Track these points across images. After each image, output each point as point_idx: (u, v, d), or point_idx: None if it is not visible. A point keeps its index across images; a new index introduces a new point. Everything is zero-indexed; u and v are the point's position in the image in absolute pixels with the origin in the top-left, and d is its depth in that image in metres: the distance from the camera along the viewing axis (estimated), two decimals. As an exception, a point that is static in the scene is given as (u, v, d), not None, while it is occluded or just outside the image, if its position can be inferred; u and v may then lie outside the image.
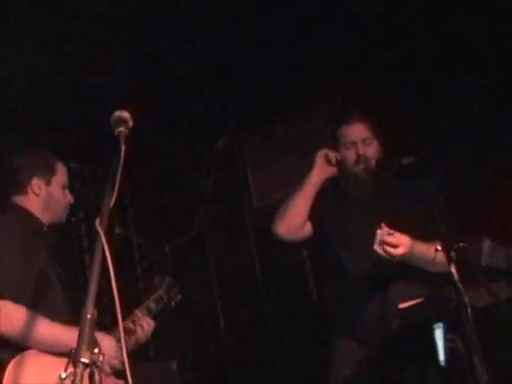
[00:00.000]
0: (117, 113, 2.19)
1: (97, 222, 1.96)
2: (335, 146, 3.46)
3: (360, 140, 3.36)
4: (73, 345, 1.74)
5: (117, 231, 3.67)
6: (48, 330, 2.60)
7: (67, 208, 3.13)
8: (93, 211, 5.04)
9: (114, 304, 1.92)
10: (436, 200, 3.35)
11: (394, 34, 4.33)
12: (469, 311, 2.52)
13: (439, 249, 2.70)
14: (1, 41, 4.04)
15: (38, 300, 2.67)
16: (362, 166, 3.31)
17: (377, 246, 3.00)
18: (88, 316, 1.76)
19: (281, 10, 4.21)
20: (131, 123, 2.18)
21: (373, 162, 3.27)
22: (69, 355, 1.71)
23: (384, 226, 3.02)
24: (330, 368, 3.31)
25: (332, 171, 3.46)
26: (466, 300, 2.53)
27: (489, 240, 2.84)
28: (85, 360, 1.69)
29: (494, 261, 2.74)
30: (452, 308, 2.64)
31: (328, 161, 3.44)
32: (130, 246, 5.34)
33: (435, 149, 4.12)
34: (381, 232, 3.01)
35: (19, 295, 2.61)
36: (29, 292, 2.66)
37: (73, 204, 3.19)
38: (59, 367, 1.76)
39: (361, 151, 3.33)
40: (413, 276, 3.18)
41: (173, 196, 5.52)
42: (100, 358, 1.71)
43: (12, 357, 2.52)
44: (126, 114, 2.18)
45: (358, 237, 3.30)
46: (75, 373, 1.67)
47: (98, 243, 1.91)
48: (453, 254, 2.65)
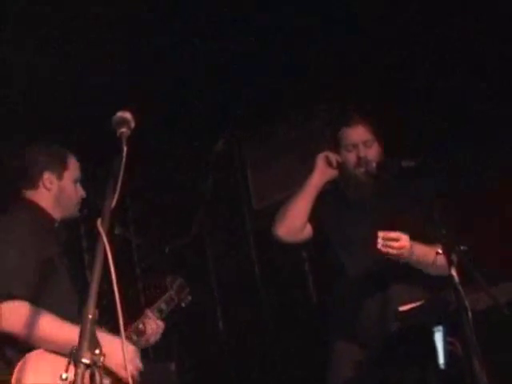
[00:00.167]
0: (119, 113, 2.18)
1: (98, 223, 1.95)
2: (335, 148, 3.46)
3: (361, 142, 3.36)
4: None
5: (117, 232, 3.64)
6: (59, 331, 2.53)
7: (79, 203, 3.04)
8: (92, 211, 5.02)
9: (114, 304, 1.91)
10: (436, 202, 3.35)
11: (394, 35, 4.33)
12: (469, 314, 2.52)
13: (440, 252, 2.70)
14: (1, 41, 4.04)
15: (49, 298, 2.62)
16: (363, 169, 3.31)
17: (380, 245, 3.01)
18: (89, 316, 1.75)
19: (281, 10, 4.20)
20: (133, 124, 2.18)
21: (373, 165, 3.27)
22: (70, 355, 1.71)
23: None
24: (329, 369, 3.30)
25: (333, 173, 3.45)
26: (467, 303, 2.54)
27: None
28: (86, 360, 1.68)
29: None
30: (452, 311, 2.64)
31: (329, 163, 3.44)
32: (130, 247, 5.33)
33: (435, 150, 4.13)
34: (382, 234, 3.03)
35: (31, 294, 2.55)
36: (39, 290, 2.60)
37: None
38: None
39: (362, 154, 3.33)
40: (413, 278, 3.18)
41: (172, 197, 5.51)
42: (101, 359, 1.70)
43: (21, 356, 2.48)
44: (128, 115, 2.18)
45: (358, 239, 3.31)
46: (76, 373, 1.66)
47: (100, 244, 1.90)
48: (453, 257, 2.66)
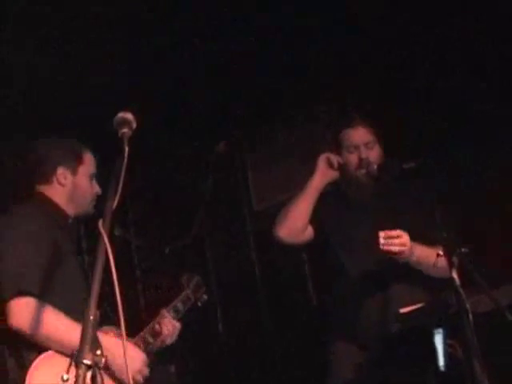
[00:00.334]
0: (120, 114, 2.17)
1: (100, 224, 1.95)
2: (336, 150, 3.45)
3: (362, 144, 3.36)
4: None
5: (116, 233, 3.63)
6: (67, 330, 2.46)
7: (94, 200, 2.93)
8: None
9: (116, 305, 1.90)
10: (437, 204, 3.35)
11: (395, 35, 4.33)
12: (470, 317, 2.52)
13: (441, 254, 2.70)
14: (1, 41, 4.03)
15: (60, 295, 2.57)
16: (364, 171, 3.31)
17: (381, 244, 3.00)
18: (90, 317, 1.74)
19: (281, 11, 4.20)
20: (134, 124, 2.17)
21: (374, 167, 3.27)
22: (71, 357, 1.70)
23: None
24: (329, 371, 3.30)
25: (334, 175, 3.45)
26: (468, 305, 2.53)
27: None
28: (87, 362, 1.67)
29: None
30: (453, 313, 2.64)
31: (330, 164, 3.44)
32: (129, 248, 5.33)
33: (435, 151, 4.12)
34: (383, 233, 3.02)
35: (41, 291, 2.51)
36: (50, 287, 2.55)
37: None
38: None
39: (363, 155, 3.32)
40: (414, 280, 3.18)
41: (172, 198, 5.51)
42: (102, 360, 1.70)
43: (33, 357, 2.46)
44: (130, 116, 2.17)
45: (359, 240, 3.31)
46: (77, 374, 1.65)
47: (101, 244, 1.90)
48: (454, 259, 2.66)
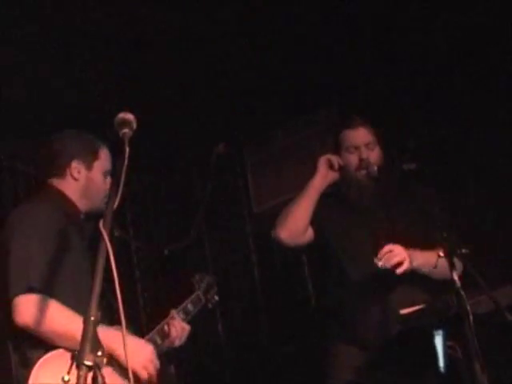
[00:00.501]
0: (120, 114, 2.15)
1: (100, 224, 1.94)
2: (336, 151, 3.45)
3: (363, 144, 3.35)
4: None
5: (116, 234, 3.61)
6: (75, 327, 2.27)
7: (107, 196, 2.72)
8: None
9: (117, 305, 1.90)
10: (437, 205, 3.35)
11: (395, 39, 4.33)
12: (470, 318, 2.52)
13: (441, 255, 2.70)
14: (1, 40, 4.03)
15: (69, 292, 2.53)
16: (364, 172, 3.31)
17: (381, 264, 3.03)
18: (91, 318, 1.73)
19: (281, 14, 4.20)
20: (135, 125, 2.16)
21: (375, 168, 3.27)
22: (72, 357, 1.69)
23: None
24: (329, 373, 3.29)
25: (334, 176, 3.43)
26: (468, 307, 2.53)
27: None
28: (88, 362, 1.66)
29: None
30: (454, 314, 2.64)
31: (330, 166, 3.43)
32: (129, 250, 5.32)
33: (435, 152, 4.14)
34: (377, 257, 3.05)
35: (49, 288, 2.47)
36: (59, 284, 2.50)
37: None
38: None
39: (364, 155, 3.32)
40: (414, 281, 3.17)
41: (172, 199, 5.51)
42: (104, 361, 1.69)
43: (39, 355, 2.42)
44: (130, 116, 2.16)
45: (359, 242, 3.31)
46: (78, 375, 1.64)
47: (102, 245, 1.89)
48: (455, 260, 2.66)
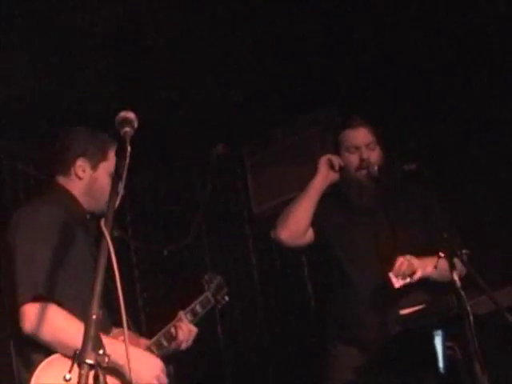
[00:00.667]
0: (122, 113, 2.13)
1: (102, 223, 1.93)
2: (336, 151, 3.45)
3: (364, 144, 3.36)
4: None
5: (115, 234, 3.60)
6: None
7: None
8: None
9: (118, 304, 1.89)
10: (437, 206, 3.36)
11: (395, 39, 4.33)
12: (471, 319, 2.52)
13: (442, 255, 2.70)
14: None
15: (72, 297, 2.50)
16: (365, 172, 3.31)
17: (398, 285, 3.04)
18: (93, 317, 1.73)
19: (280, 13, 4.20)
20: (136, 124, 2.15)
21: (375, 168, 3.27)
22: (73, 356, 1.69)
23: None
24: (329, 374, 3.29)
25: (335, 177, 3.44)
26: (469, 308, 2.53)
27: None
28: (90, 361, 1.65)
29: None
30: (454, 315, 2.64)
31: (331, 166, 3.43)
32: (128, 249, 5.32)
33: (436, 154, 4.14)
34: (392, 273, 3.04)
35: (56, 293, 2.45)
36: (65, 288, 2.49)
37: None
38: None
39: (364, 155, 3.32)
40: (414, 282, 3.17)
41: (171, 200, 5.50)
42: (105, 360, 1.68)
43: (41, 359, 2.41)
44: (131, 115, 2.14)
45: (360, 243, 3.31)
46: (80, 374, 1.64)
47: (103, 244, 1.89)
48: (455, 261, 2.66)
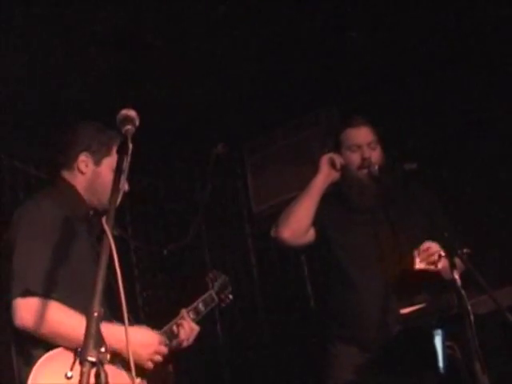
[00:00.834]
0: (123, 111, 2.14)
1: (103, 220, 1.94)
2: (337, 150, 3.45)
3: (365, 143, 3.36)
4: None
5: (115, 233, 3.60)
6: (76, 327, 2.29)
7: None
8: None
9: (119, 302, 1.89)
10: (438, 205, 3.37)
11: (395, 39, 4.33)
12: (471, 318, 2.52)
13: (442, 254, 2.70)
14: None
15: (71, 294, 2.51)
16: (365, 171, 3.31)
17: (419, 264, 3.00)
18: (95, 314, 1.72)
19: (281, 14, 4.20)
20: (138, 122, 2.15)
21: (376, 167, 3.27)
22: (75, 353, 1.69)
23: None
24: (330, 373, 3.28)
25: (336, 175, 3.44)
26: (469, 307, 2.53)
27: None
28: (91, 358, 1.65)
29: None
30: (454, 314, 2.64)
31: (332, 165, 3.43)
32: (128, 248, 5.31)
33: (436, 153, 4.15)
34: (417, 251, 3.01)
35: (49, 290, 2.45)
36: (62, 286, 2.49)
37: None
38: None
39: (366, 154, 3.32)
40: (414, 282, 3.17)
41: (171, 199, 5.50)
42: (107, 357, 1.68)
43: (40, 355, 2.42)
44: (133, 113, 2.14)
45: (360, 243, 3.31)
46: (82, 371, 1.64)
47: (105, 241, 1.89)
48: (456, 260, 2.66)
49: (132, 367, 1.90)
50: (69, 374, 1.68)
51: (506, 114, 4.12)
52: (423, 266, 3.00)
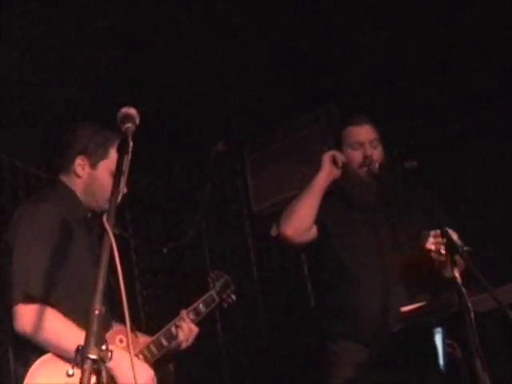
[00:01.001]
0: (123, 109, 2.14)
1: (104, 219, 1.94)
2: (338, 148, 3.45)
3: (367, 141, 3.36)
4: None
5: (115, 232, 3.60)
6: (72, 339, 2.30)
7: None
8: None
9: (119, 300, 1.89)
10: (438, 203, 3.36)
11: (395, 38, 4.34)
12: (472, 316, 2.52)
13: (443, 252, 2.70)
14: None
15: (69, 296, 2.53)
16: (366, 169, 3.31)
17: (430, 244, 2.97)
18: (96, 312, 1.73)
19: (281, 14, 4.20)
20: (138, 120, 2.15)
21: (376, 165, 3.28)
22: (76, 352, 1.69)
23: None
24: (331, 371, 3.28)
25: (337, 173, 3.44)
26: (470, 305, 2.53)
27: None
28: (93, 356, 1.65)
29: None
30: (455, 312, 2.64)
31: (334, 162, 3.43)
32: (128, 247, 5.32)
33: (436, 152, 4.15)
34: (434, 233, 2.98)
35: (50, 295, 2.48)
36: (62, 289, 2.51)
37: None
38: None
39: (368, 152, 3.32)
40: (415, 280, 3.18)
41: (171, 198, 5.50)
42: (108, 355, 1.68)
43: (36, 358, 2.45)
44: (133, 111, 2.14)
45: (361, 241, 3.31)
46: (83, 369, 1.64)
47: (106, 240, 1.89)
48: (457, 258, 2.66)
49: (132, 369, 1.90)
50: (70, 372, 1.68)
51: (506, 114, 4.12)
52: (433, 248, 2.97)
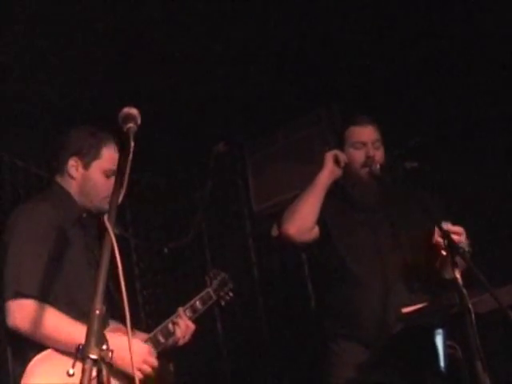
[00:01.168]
0: (125, 109, 2.14)
1: (105, 218, 1.94)
2: (340, 147, 3.45)
3: (370, 142, 3.36)
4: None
5: (116, 232, 3.60)
6: (67, 330, 2.46)
7: (108, 197, 2.47)
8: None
9: (119, 298, 1.89)
10: (438, 204, 3.36)
11: (395, 38, 4.33)
12: (472, 316, 2.52)
13: (444, 253, 2.70)
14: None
15: (63, 295, 2.56)
16: (367, 170, 3.31)
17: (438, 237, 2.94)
18: (96, 312, 1.72)
19: (281, 14, 4.20)
20: (139, 120, 2.15)
21: (377, 166, 3.27)
22: (76, 351, 1.68)
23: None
24: (331, 371, 3.28)
25: (339, 173, 3.43)
26: (470, 305, 2.53)
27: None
28: (93, 356, 1.65)
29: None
30: (455, 313, 2.64)
31: (336, 162, 3.43)
32: (128, 247, 5.32)
33: (437, 152, 4.14)
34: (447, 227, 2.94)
35: (42, 292, 2.49)
36: (55, 288, 2.53)
37: None
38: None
39: (371, 153, 3.32)
40: (416, 280, 3.18)
41: (172, 197, 5.50)
42: (109, 355, 1.68)
43: (34, 355, 2.46)
44: (135, 111, 2.14)
45: (362, 241, 3.31)
46: (84, 369, 1.63)
47: (107, 239, 1.89)
48: (457, 259, 2.66)
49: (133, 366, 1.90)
50: (71, 372, 1.68)
51: (506, 114, 4.12)
52: (442, 241, 2.96)
